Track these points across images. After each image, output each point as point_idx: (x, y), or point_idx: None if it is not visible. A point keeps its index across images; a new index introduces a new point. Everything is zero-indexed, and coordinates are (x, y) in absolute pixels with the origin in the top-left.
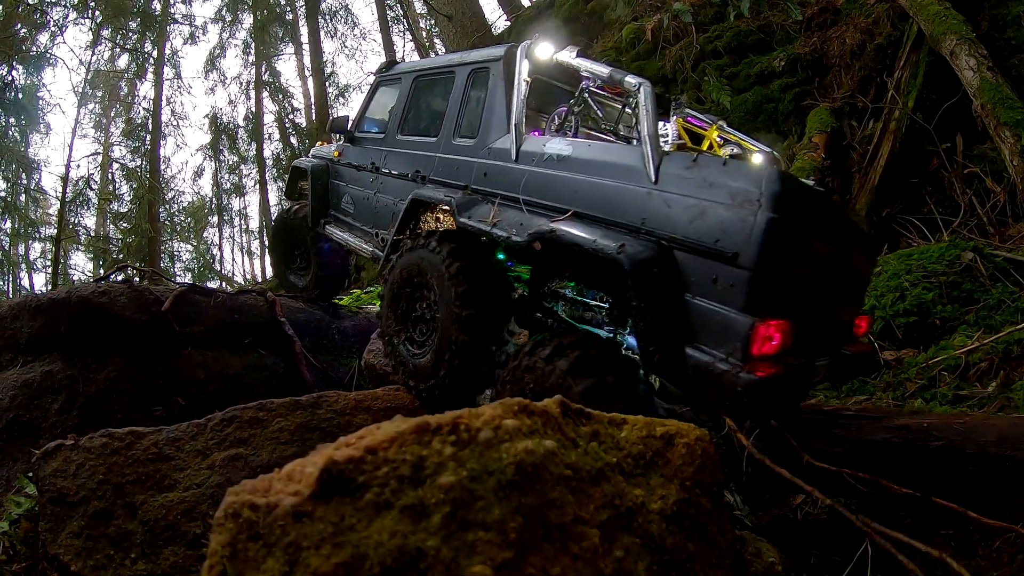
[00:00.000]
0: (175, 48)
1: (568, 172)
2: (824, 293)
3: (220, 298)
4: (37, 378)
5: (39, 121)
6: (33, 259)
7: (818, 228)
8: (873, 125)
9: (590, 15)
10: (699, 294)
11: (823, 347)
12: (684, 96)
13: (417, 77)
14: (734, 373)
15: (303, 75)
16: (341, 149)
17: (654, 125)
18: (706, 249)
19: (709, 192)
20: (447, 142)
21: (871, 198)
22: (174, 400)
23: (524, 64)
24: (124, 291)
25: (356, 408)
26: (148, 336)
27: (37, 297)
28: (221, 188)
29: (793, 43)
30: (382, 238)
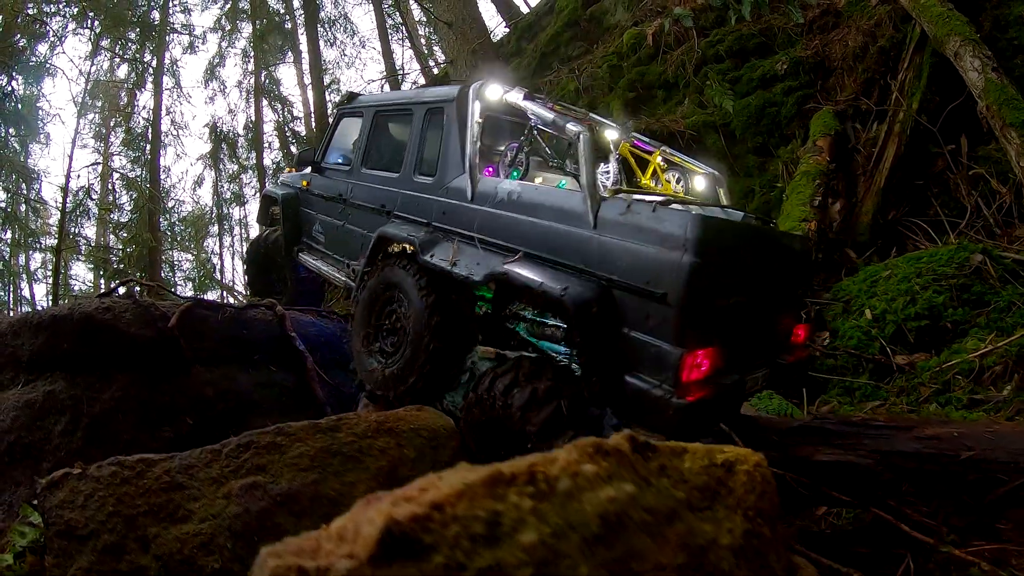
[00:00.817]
0: (174, 58)
1: (519, 214)
2: (754, 314)
3: (228, 313)
4: (39, 398)
5: (39, 131)
6: (34, 269)
7: (743, 260)
8: (877, 128)
9: (589, 20)
10: (635, 328)
11: (759, 359)
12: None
13: (378, 111)
14: (667, 399)
15: (303, 83)
16: (309, 179)
17: (592, 174)
18: (639, 289)
19: (641, 236)
20: (408, 179)
21: (877, 201)
22: (182, 420)
23: (476, 105)
24: (129, 307)
25: (378, 430)
26: (154, 353)
27: (38, 314)
28: (221, 197)
29: (795, 46)
30: (353, 268)
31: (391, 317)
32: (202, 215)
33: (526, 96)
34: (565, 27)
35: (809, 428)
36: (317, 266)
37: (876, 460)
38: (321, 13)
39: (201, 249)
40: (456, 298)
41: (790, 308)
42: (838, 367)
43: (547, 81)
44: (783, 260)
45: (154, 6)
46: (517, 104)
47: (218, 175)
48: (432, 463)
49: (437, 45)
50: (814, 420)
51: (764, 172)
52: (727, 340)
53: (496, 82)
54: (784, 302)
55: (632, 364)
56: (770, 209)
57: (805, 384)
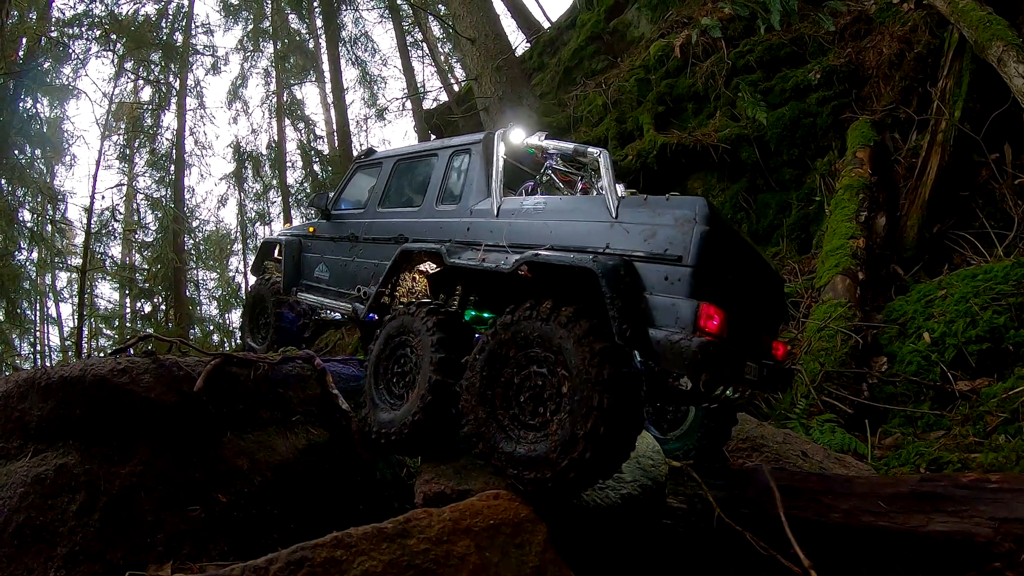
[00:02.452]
0: (198, 78)
1: (544, 219)
2: (744, 304)
3: (261, 369)
4: (50, 473)
5: (64, 152)
6: (60, 288)
7: (733, 244)
8: (918, 137)
9: (612, 33)
10: (655, 292)
11: (749, 355)
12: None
13: (398, 159)
14: (688, 339)
15: (325, 103)
16: (316, 226)
17: (613, 179)
18: (658, 256)
19: (658, 218)
20: (430, 209)
21: (922, 214)
22: (214, 497)
23: (501, 146)
24: (148, 367)
25: (455, 531)
26: (179, 420)
27: (47, 373)
28: (245, 216)
29: (827, 55)
30: (364, 291)
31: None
32: (226, 234)
33: (547, 137)
34: (588, 41)
35: (920, 493)
36: (319, 300)
37: (994, 528)
38: (343, 32)
39: (225, 268)
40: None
41: (769, 321)
42: (898, 395)
43: (573, 96)
44: (761, 268)
45: (177, 28)
46: (540, 143)
47: (242, 194)
48: (518, 566)
49: (457, 63)
50: (923, 482)
51: (801, 185)
52: (728, 310)
53: (519, 128)
54: (764, 312)
55: (653, 320)
56: (809, 223)
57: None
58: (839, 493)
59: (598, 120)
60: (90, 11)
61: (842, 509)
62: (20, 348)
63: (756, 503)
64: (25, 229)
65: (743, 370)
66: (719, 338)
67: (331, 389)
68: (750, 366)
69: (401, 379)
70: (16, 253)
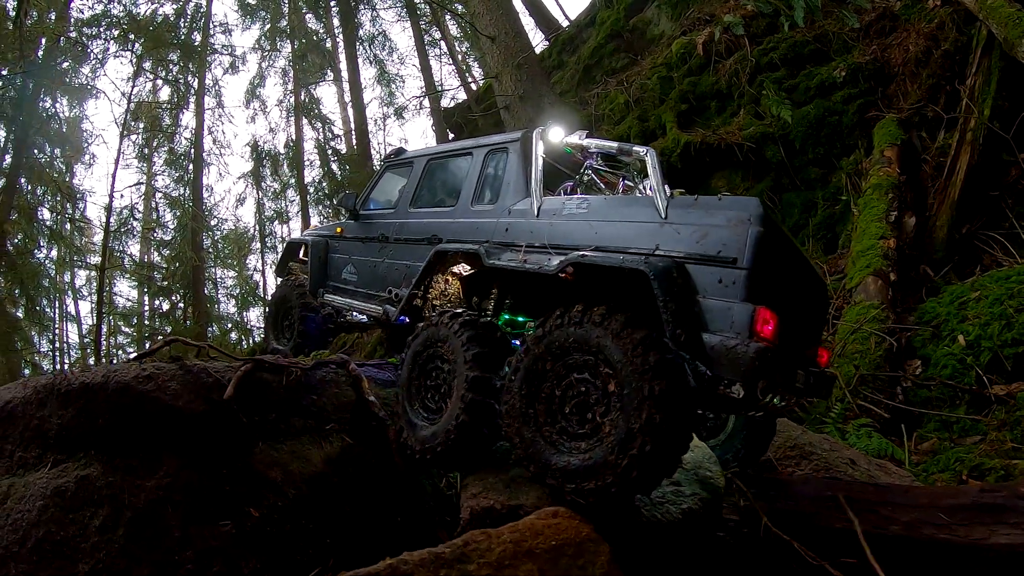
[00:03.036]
0: (216, 78)
1: (588, 220)
2: (793, 309)
3: (294, 375)
4: (71, 485)
5: (83, 152)
6: (79, 286)
7: (784, 247)
8: (947, 136)
9: (632, 31)
10: (708, 295)
11: (798, 361)
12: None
13: (430, 159)
14: (744, 345)
15: (342, 102)
16: (343, 226)
17: (662, 178)
18: (712, 258)
19: (710, 219)
20: (465, 209)
21: (952, 214)
22: (245, 511)
23: (540, 145)
24: (175, 373)
25: (516, 554)
26: (208, 430)
27: (67, 379)
28: (263, 215)
29: (852, 52)
30: (395, 293)
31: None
32: (245, 233)
33: (588, 135)
34: (607, 39)
35: (981, 504)
36: (347, 302)
37: None
38: (360, 31)
39: (244, 266)
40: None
41: (814, 327)
42: (933, 399)
43: (594, 94)
44: (807, 270)
45: (195, 27)
46: (580, 143)
47: (260, 193)
48: None
49: (475, 61)
50: (983, 493)
51: (827, 184)
52: (782, 315)
53: (558, 126)
54: (811, 318)
55: (707, 324)
56: (835, 223)
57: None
58: (898, 504)
59: (620, 118)
60: (108, 11)
61: (902, 521)
62: (40, 345)
63: (810, 515)
64: (45, 227)
65: (795, 377)
66: (774, 344)
67: (367, 396)
68: (799, 373)
69: (436, 392)
70: (35, 251)
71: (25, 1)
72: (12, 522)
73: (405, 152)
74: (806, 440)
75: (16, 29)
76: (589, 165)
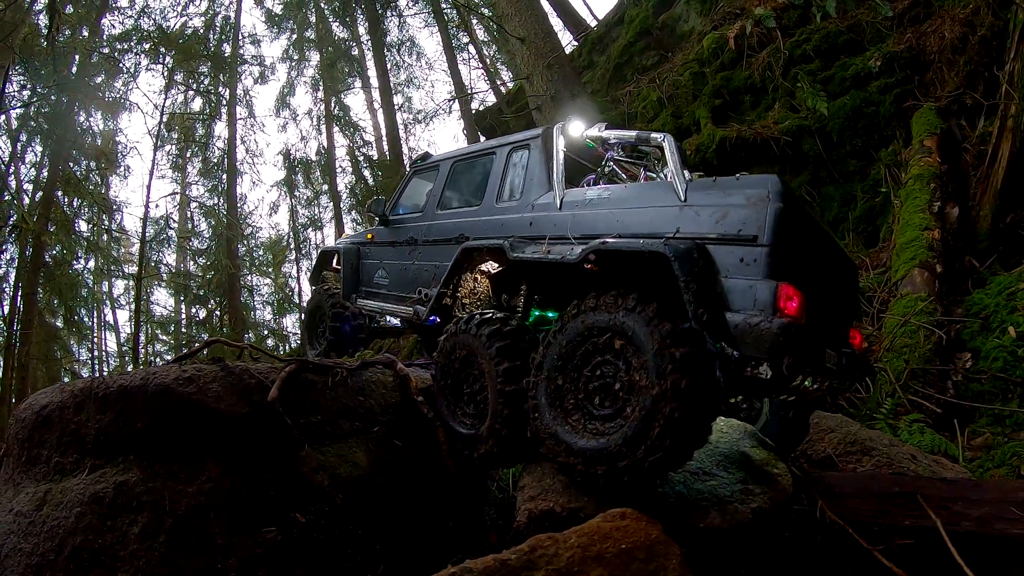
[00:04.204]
0: (246, 88)
1: (609, 208)
2: (820, 287)
3: (339, 376)
4: (109, 491)
5: (118, 164)
6: (116, 296)
7: (807, 224)
8: (987, 123)
9: (662, 28)
10: (730, 275)
11: (829, 342)
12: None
13: (456, 161)
14: (768, 321)
15: (372, 108)
16: (374, 232)
17: (680, 163)
18: (732, 237)
19: (729, 199)
20: (490, 207)
21: (995, 203)
22: (291, 517)
23: (560, 139)
24: (216, 375)
25: (584, 559)
26: (251, 433)
27: (105, 383)
28: (297, 222)
29: (886, 41)
30: (425, 294)
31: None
32: (279, 240)
33: (607, 127)
34: (637, 37)
35: None
36: (380, 306)
37: None
38: (387, 38)
39: (279, 273)
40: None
41: (847, 307)
42: (985, 392)
43: (626, 92)
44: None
45: (224, 39)
46: (600, 134)
47: (293, 200)
48: None
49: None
50: None
51: (866, 176)
52: (808, 293)
53: (577, 120)
54: (842, 298)
55: (730, 304)
56: (875, 216)
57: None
58: (970, 499)
59: (653, 116)
60: (139, 26)
61: (974, 517)
62: (78, 354)
63: (879, 512)
64: (82, 239)
65: (823, 357)
66: (799, 320)
67: (414, 396)
68: (830, 354)
69: (472, 399)
70: (74, 262)
71: (57, 18)
72: (48, 529)
73: (431, 156)
74: (865, 436)
75: (49, 45)
76: (610, 157)
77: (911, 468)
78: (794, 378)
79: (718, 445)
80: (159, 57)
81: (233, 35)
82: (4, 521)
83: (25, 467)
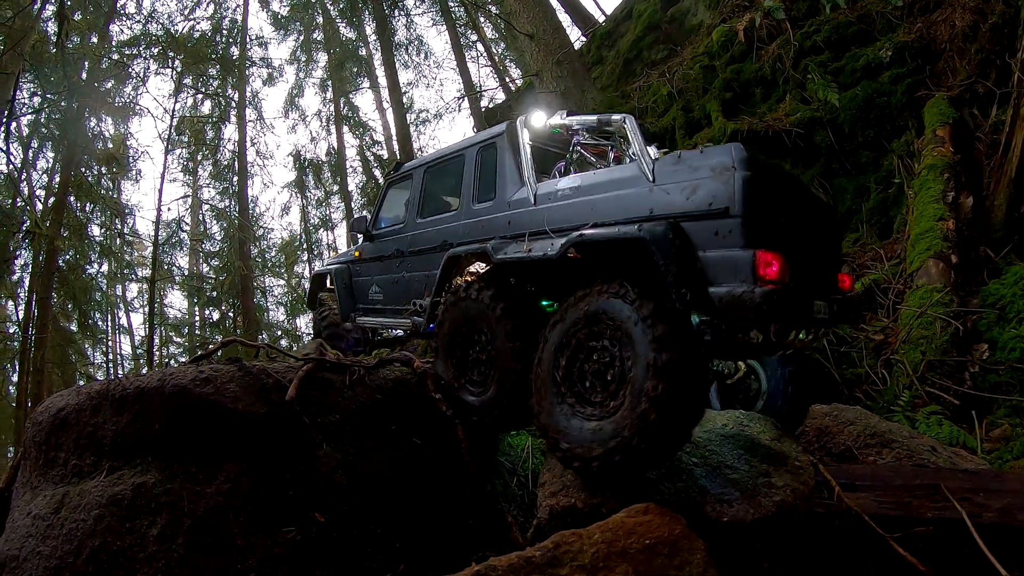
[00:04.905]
0: (255, 90)
1: (582, 197)
2: (801, 242)
3: (357, 374)
4: (128, 493)
5: (129, 168)
6: (131, 299)
7: (779, 184)
8: (1000, 112)
9: (670, 22)
10: (708, 249)
11: (817, 292)
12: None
13: (427, 168)
14: (751, 291)
15: (381, 108)
16: (360, 249)
17: (643, 142)
18: (704, 212)
19: (696, 173)
20: (467, 210)
21: (1010, 192)
22: (310, 517)
23: (525, 133)
24: (234, 375)
25: (609, 555)
26: (269, 433)
27: (121, 385)
28: (309, 223)
29: (897, 31)
30: (420, 305)
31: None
32: (291, 241)
33: (568, 114)
34: (646, 31)
35: None
36: (379, 321)
37: None
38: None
39: (292, 274)
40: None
41: (831, 254)
42: (1003, 384)
43: (636, 87)
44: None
45: (232, 42)
46: (562, 122)
47: (305, 201)
48: None
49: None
50: None
51: (879, 168)
52: (787, 253)
53: (539, 111)
54: (824, 246)
55: (711, 279)
56: (889, 207)
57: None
58: (991, 490)
59: (664, 110)
60: (147, 31)
61: (995, 508)
62: (93, 358)
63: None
64: (95, 243)
65: (812, 310)
66: (782, 283)
67: (433, 393)
68: (819, 304)
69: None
70: (87, 266)
71: (66, 24)
72: (67, 532)
73: (403, 166)
74: (885, 428)
75: (59, 52)
76: (576, 142)
77: (931, 460)
78: (785, 337)
79: (739, 438)
80: (168, 61)
81: (241, 38)
82: (22, 524)
83: (42, 470)
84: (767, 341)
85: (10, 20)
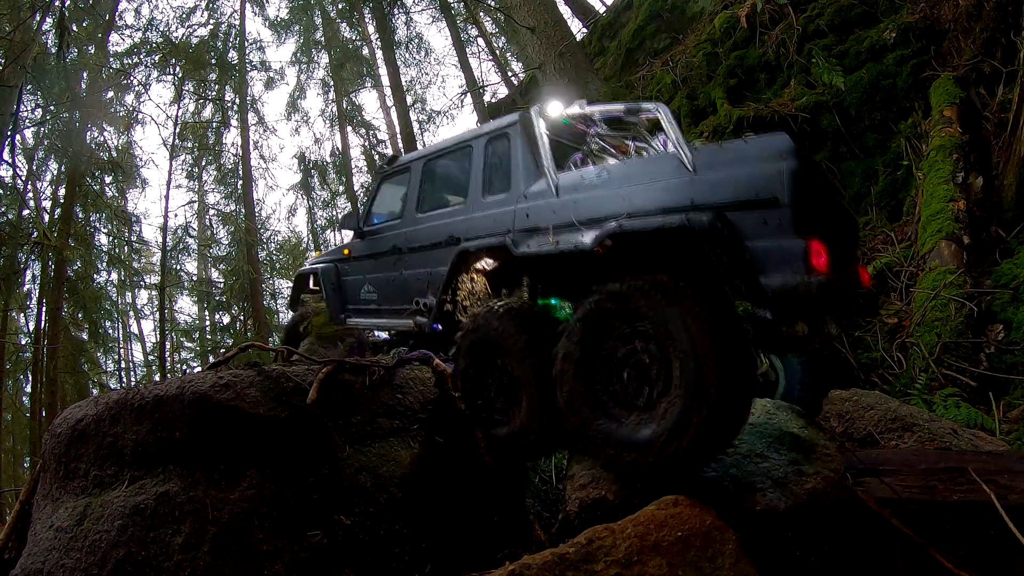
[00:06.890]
0: (256, 94)
1: (613, 188)
2: (835, 236)
3: (377, 374)
4: (150, 502)
5: (134, 176)
6: (140, 306)
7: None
8: (1006, 91)
9: (671, 10)
10: (756, 239)
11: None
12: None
13: (427, 160)
14: (806, 281)
15: (385, 106)
16: (350, 247)
17: (679, 131)
18: (752, 202)
19: (742, 163)
20: (477, 203)
21: (1019, 172)
22: (335, 520)
23: (541, 122)
24: (253, 380)
25: (643, 549)
26: (291, 437)
27: (140, 393)
28: (316, 224)
29: (900, 12)
30: (423, 303)
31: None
32: (298, 243)
33: (588, 104)
34: (647, 20)
35: None
36: (373, 323)
37: None
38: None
39: None
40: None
41: (850, 249)
42: (1018, 364)
43: (639, 77)
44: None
45: (231, 46)
46: (583, 112)
47: (311, 203)
48: None
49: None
50: None
51: (886, 150)
52: (830, 244)
53: (555, 100)
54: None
55: (762, 269)
56: (897, 190)
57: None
58: (1015, 471)
59: (668, 99)
60: (147, 39)
61: (1020, 489)
62: (106, 366)
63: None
64: (103, 252)
65: (854, 303)
66: (831, 274)
67: (453, 392)
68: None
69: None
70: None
71: (66, 36)
72: (90, 543)
73: (398, 159)
74: (906, 412)
75: (59, 63)
76: (594, 133)
77: (953, 443)
78: (823, 330)
79: (767, 427)
80: (168, 68)
81: (239, 42)
82: (45, 537)
83: (63, 482)
84: (811, 333)
85: (10, 34)
